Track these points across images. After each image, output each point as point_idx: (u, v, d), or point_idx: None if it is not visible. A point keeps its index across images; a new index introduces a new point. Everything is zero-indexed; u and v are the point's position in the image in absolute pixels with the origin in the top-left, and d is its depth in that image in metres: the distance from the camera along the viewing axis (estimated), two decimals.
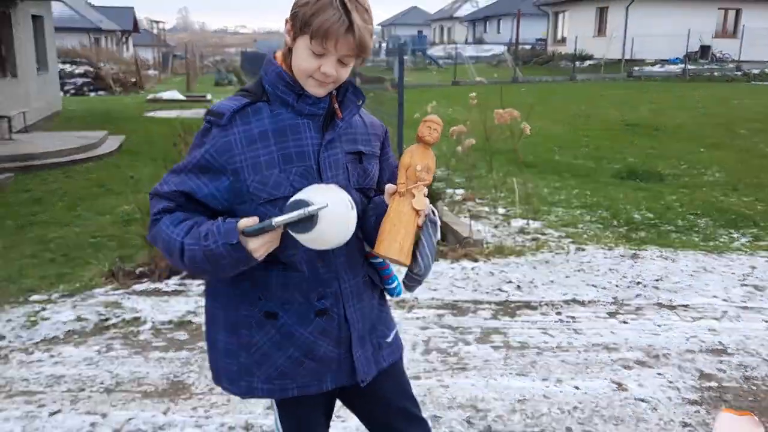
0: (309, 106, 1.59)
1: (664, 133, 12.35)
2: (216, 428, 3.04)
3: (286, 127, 1.58)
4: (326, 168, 1.60)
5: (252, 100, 1.60)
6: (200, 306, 4.38)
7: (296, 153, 1.58)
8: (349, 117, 1.66)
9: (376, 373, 1.78)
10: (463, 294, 4.61)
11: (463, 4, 62.56)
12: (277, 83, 1.60)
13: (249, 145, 1.55)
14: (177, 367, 3.63)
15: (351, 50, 1.51)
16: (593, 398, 3.29)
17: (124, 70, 28.31)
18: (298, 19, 1.52)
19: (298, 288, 1.63)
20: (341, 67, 1.56)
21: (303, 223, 1.44)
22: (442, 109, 12.37)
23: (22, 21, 14.60)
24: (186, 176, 1.57)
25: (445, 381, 3.45)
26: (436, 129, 1.63)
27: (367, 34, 1.51)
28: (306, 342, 1.66)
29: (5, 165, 10.24)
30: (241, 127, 1.57)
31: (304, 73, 1.56)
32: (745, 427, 1.57)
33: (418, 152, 1.63)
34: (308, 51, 1.52)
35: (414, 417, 1.93)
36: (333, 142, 1.62)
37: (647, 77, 25.70)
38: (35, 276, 5.33)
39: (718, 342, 3.90)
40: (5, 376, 3.53)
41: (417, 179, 1.61)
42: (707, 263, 5.22)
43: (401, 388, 1.92)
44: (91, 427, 3.04)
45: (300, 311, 1.64)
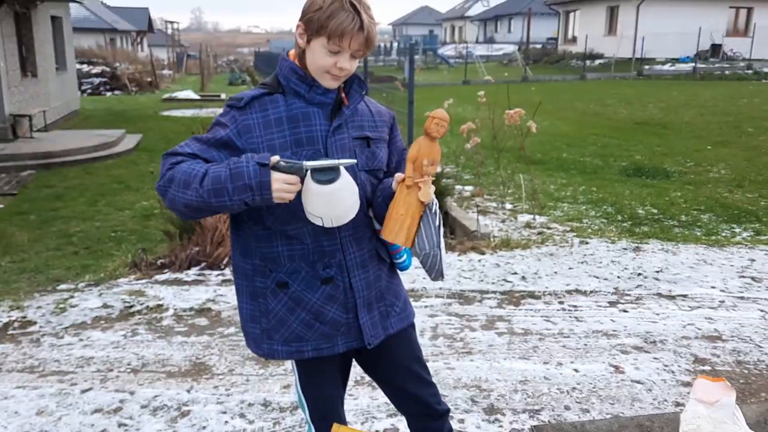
0: (319, 96, 1.80)
1: (672, 131, 12.47)
2: (236, 404, 3.25)
3: (298, 114, 1.79)
4: (333, 151, 1.80)
5: (269, 91, 1.81)
6: (219, 294, 4.61)
7: (307, 137, 1.78)
8: (354, 105, 1.86)
9: (384, 337, 1.97)
10: (469, 284, 4.80)
11: (474, 3, 62.62)
12: (290, 76, 1.81)
13: (266, 129, 1.76)
14: (198, 350, 3.85)
15: (362, 46, 1.73)
16: (591, 380, 3.48)
17: (140, 70, 28.67)
18: (313, 23, 1.72)
19: (305, 259, 1.84)
20: (352, 61, 1.77)
21: (327, 173, 1.62)
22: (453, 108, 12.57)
23: (41, 21, 14.92)
24: (207, 146, 1.75)
25: (451, 363, 3.66)
26: (442, 125, 1.77)
27: (373, 30, 1.73)
28: (315, 306, 1.86)
29: (27, 162, 10.55)
30: (259, 113, 1.77)
31: (321, 69, 1.76)
32: (718, 390, 1.75)
33: (425, 146, 1.78)
34: (325, 50, 1.73)
35: (424, 380, 2.12)
36: (340, 128, 1.82)
37: (657, 76, 25.76)
38: (61, 267, 5.59)
39: (713, 329, 4.08)
40: (38, 358, 3.77)
41: (423, 173, 1.79)
42: (707, 256, 5.39)
43: (412, 354, 2.11)
44: (120, 403, 3.27)
45: (307, 279, 1.85)
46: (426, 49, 39.88)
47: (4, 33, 12.37)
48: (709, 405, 1.77)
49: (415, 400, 2.13)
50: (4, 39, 12.39)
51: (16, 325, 4.22)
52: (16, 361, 3.73)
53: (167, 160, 1.76)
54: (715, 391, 1.79)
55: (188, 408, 3.22)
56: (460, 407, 3.22)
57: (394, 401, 2.20)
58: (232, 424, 3.09)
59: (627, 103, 16.79)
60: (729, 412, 1.77)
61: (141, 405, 3.25)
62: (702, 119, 13.79)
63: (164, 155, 1.79)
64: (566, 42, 35.54)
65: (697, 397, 1.79)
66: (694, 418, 1.77)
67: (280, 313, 1.89)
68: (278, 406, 3.23)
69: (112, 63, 28.02)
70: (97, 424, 3.09)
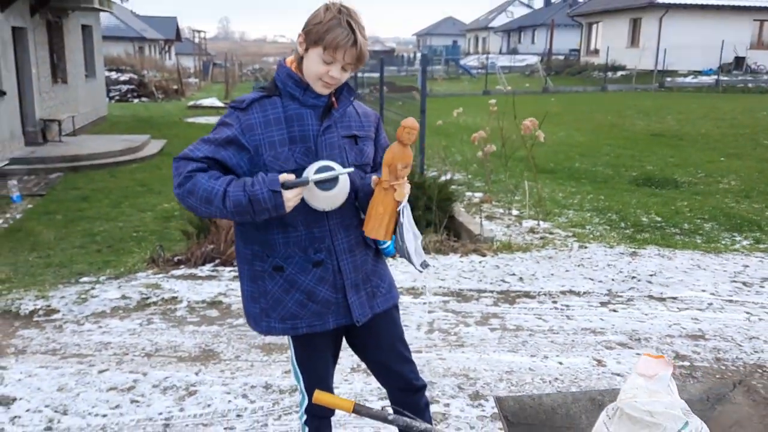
0: (312, 99, 2.05)
1: (687, 142, 12.55)
2: (240, 386, 3.51)
3: (293, 115, 2.04)
4: (323, 148, 2.05)
5: (267, 94, 2.07)
6: (230, 289, 4.89)
7: (300, 136, 2.03)
8: (342, 108, 2.11)
9: (371, 315, 2.20)
10: (468, 284, 5.02)
11: (498, 14, 62.86)
12: (287, 81, 2.06)
13: (266, 127, 2.01)
14: (208, 338, 4.12)
15: (353, 59, 1.98)
16: (573, 372, 3.69)
17: (166, 78, 29.33)
18: (312, 34, 1.98)
19: (298, 245, 2.08)
20: (344, 72, 2.02)
21: (329, 183, 1.94)
22: (467, 117, 12.78)
23: (72, 30, 15.47)
24: (216, 147, 2.00)
25: (443, 355, 3.88)
26: (412, 133, 2.01)
27: (365, 47, 1.99)
28: (307, 287, 2.11)
29: (56, 165, 11.00)
30: (260, 113, 2.03)
31: (315, 76, 2.01)
32: (658, 365, 1.95)
33: (398, 152, 2.03)
34: (319, 59, 1.98)
35: (404, 358, 2.35)
36: (330, 128, 2.07)
37: (679, 88, 25.72)
38: (84, 262, 5.92)
39: (698, 329, 4.25)
40: (60, 342, 4.07)
41: (398, 175, 2.03)
42: (702, 261, 5.55)
43: (395, 332, 2.34)
44: (134, 383, 3.55)
45: (300, 263, 2.09)
46: (448, 59, 40.15)
47: (36, 41, 12.90)
48: (648, 378, 1.98)
49: (396, 375, 2.35)
50: (37, 47, 12.92)
51: (41, 312, 4.54)
52: (40, 345, 4.03)
53: (182, 167, 1.96)
54: (655, 365, 2.01)
55: (195, 388, 3.48)
56: (446, 393, 3.45)
57: (377, 375, 2.43)
58: (234, 403, 3.35)
59: (645, 115, 16.86)
60: (664, 385, 1.98)
61: (152, 385, 3.53)
62: (718, 131, 13.83)
63: (176, 159, 2.01)
64: (588, 53, 35.56)
65: (638, 371, 2.01)
66: (632, 389, 1.98)
67: (277, 293, 2.12)
68: (278, 389, 3.49)
69: (140, 71, 28.70)
70: (111, 400, 3.37)
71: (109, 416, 3.23)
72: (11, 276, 5.38)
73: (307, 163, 2.01)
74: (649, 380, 1.98)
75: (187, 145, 2.08)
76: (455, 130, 13.29)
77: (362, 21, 2.00)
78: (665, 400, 1.92)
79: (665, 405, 1.90)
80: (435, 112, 8.34)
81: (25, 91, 12.37)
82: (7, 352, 3.93)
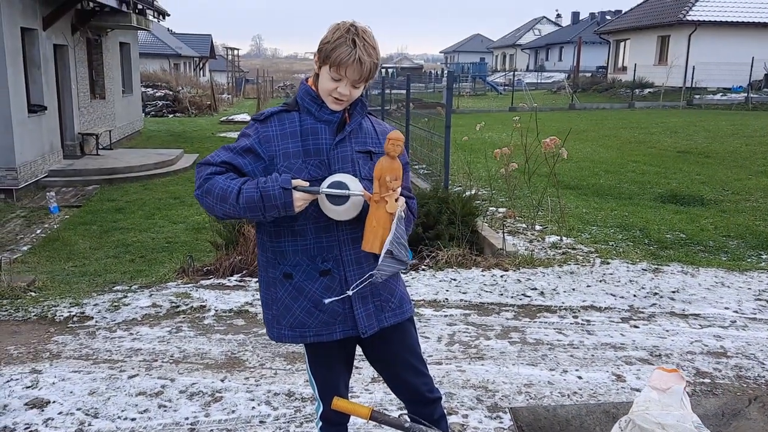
0: (327, 115, 2.17)
1: (715, 160, 12.44)
2: (263, 393, 3.61)
3: (308, 129, 2.16)
4: (335, 161, 2.15)
5: (287, 109, 2.20)
6: (257, 299, 5.01)
7: (314, 149, 2.14)
8: (355, 123, 2.21)
9: (377, 329, 2.25)
10: (489, 297, 5.08)
11: (525, 32, 62.92)
12: (305, 97, 2.18)
13: (282, 139, 2.14)
14: (234, 346, 4.24)
15: (359, 76, 2.08)
16: (593, 386, 3.72)
17: (200, 94, 29.88)
18: (321, 53, 2.10)
19: (306, 253, 2.17)
20: (354, 89, 2.12)
21: (339, 198, 2.02)
22: (492, 133, 12.83)
23: (111, 47, 15.94)
24: (234, 154, 2.12)
25: (462, 367, 3.94)
26: (398, 145, 2.07)
27: (370, 65, 2.08)
28: (314, 296, 2.18)
29: (92, 177, 11.34)
30: (278, 126, 2.16)
31: (326, 92, 2.13)
32: (671, 379, 1.99)
33: (386, 165, 2.07)
34: (328, 76, 2.10)
35: (417, 371, 2.39)
36: (342, 142, 2.17)
37: (708, 106, 25.45)
38: (117, 271, 6.11)
39: (720, 346, 4.25)
40: (93, 348, 4.23)
41: (388, 188, 2.08)
42: (726, 279, 5.53)
43: (408, 347, 2.39)
44: (161, 388, 3.67)
45: (308, 271, 2.18)
46: (475, 76, 40.28)
47: (77, 58, 13.34)
48: (661, 391, 2.03)
49: (408, 387, 2.40)
50: (77, 64, 13.36)
51: (75, 319, 4.71)
52: (74, 350, 4.19)
53: (202, 170, 2.11)
54: (669, 379, 2.05)
55: (221, 395, 3.60)
56: (465, 404, 3.51)
57: (390, 386, 2.48)
58: (258, 409, 3.45)
59: (672, 132, 16.74)
60: (677, 398, 2.01)
61: (180, 390, 3.65)
62: (747, 149, 13.68)
63: (198, 164, 2.17)
64: (616, 71, 35.38)
65: (651, 384, 2.05)
66: (645, 402, 2.02)
67: (286, 300, 2.21)
68: (300, 397, 3.58)
69: (175, 87, 29.30)
70: (140, 405, 3.49)
71: (138, 420, 3.34)
72: (48, 283, 5.58)
73: (320, 175, 2.10)
74: (662, 393, 2.02)
75: None
76: (480, 145, 13.35)
77: (371, 39, 2.10)
78: (677, 413, 1.96)
79: (677, 418, 1.94)
80: (461, 129, 8.43)
81: (64, 106, 12.79)
82: (43, 356, 4.10)
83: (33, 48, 11.15)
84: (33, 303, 5.04)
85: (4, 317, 4.75)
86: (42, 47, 11.35)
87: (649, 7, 33.41)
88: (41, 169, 11.20)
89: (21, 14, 10.46)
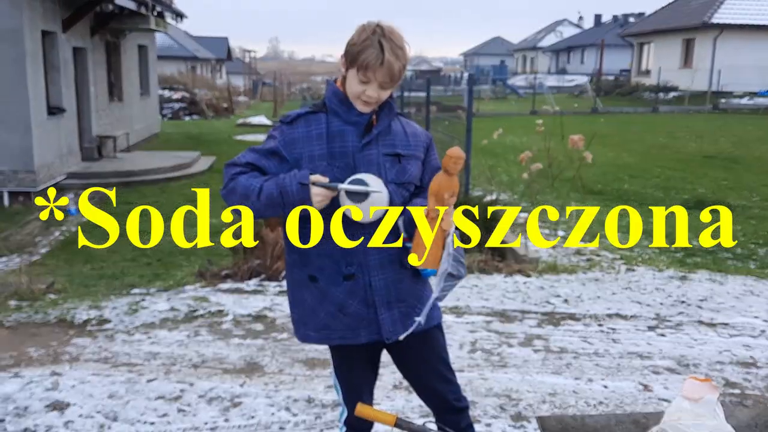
0: (354, 117, 2.12)
1: (742, 165, 12.24)
2: (283, 399, 3.56)
3: (335, 131, 2.12)
4: (361, 164, 2.10)
5: (314, 110, 2.16)
6: (275, 303, 4.97)
7: (340, 152, 2.10)
8: (382, 125, 2.16)
9: (402, 334, 2.19)
10: (512, 304, 4.99)
11: (546, 34, 62.59)
12: (332, 98, 2.14)
13: (308, 142, 2.10)
14: (253, 351, 4.19)
15: (386, 78, 2.03)
16: (619, 396, 3.62)
17: (217, 97, 30.06)
18: (348, 56, 2.06)
19: (330, 257, 2.13)
20: (382, 91, 2.07)
21: (358, 196, 2.00)
22: (513, 137, 12.72)
23: (129, 50, 16.06)
24: (260, 156, 2.13)
25: (485, 374, 3.86)
26: (458, 163, 1.99)
27: (397, 67, 2.02)
28: (338, 300, 2.15)
29: (110, 180, 11.39)
30: (304, 128, 2.12)
31: (354, 95, 2.09)
32: (704, 389, 1.92)
33: (444, 181, 2.02)
34: (356, 79, 2.05)
35: (445, 378, 2.34)
36: (369, 144, 2.13)
37: (734, 110, 25.09)
38: (135, 275, 6.11)
39: (749, 356, 4.13)
40: (112, 351, 4.20)
41: (444, 203, 2.04)
42: (755, 287, 5.38)
43: (435, 353, 2.34)
44: (180, 393, 3.63)
45: (332, 275, 2.14)
46: (495, 79, 40.09)
47: (95, 60, 13.44)
48: (694, 401, 1.95)
49: (435, 394, 2.35)
50: (95, 66, 13.46)
51: (93, 322, 4.69)
52: (93, 353, 4.17)
53: (228, 171, 2.14)
54: (701, 389, 1.97)
55: (240, 400, 3.55)
56: (488, 413, 3.43)
57: (417, 392, 2.43)
58: (278, 415, 3.40)
59: (698, 137, 16.51)
60: (710, 408, 1.94)
61: (199, 395, 3.61)
62: None
63: (226, 165, 2.18)
64: (639, 74, 35.03)
65: (684, 394, 1.98)
66: (676, 411, 1.95)
67: (311, 303, 2.19)
68: (320, 403, 3.52)
69: (192, 89, 29.51)
70: (159, 409, 3.45)
71: (157, 424, 3.31)
72: (67, 286, 5.58)
73: (344, 178, 2.06)
74: (694, 403, 1.95)
75: None
76: (502, 149, 13.26)
77: (399, 39, 2.04)
78: (711, 424, 1.89)
79: (710, 428, 1.87)
80: (481, 132, 8.31)
81: (83, 108, 12.89)
82: (62, 359, 4.08)
83: (53, 50, 11.25)
84: (52, 305, 5.04)
85: (24, 319, 4.75)
86: (61, 50, 11.44)
87: (673, 10, 33.07)
88: (59, 171, 11.27)
89: (41, 17, 10.55)
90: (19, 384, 3.70)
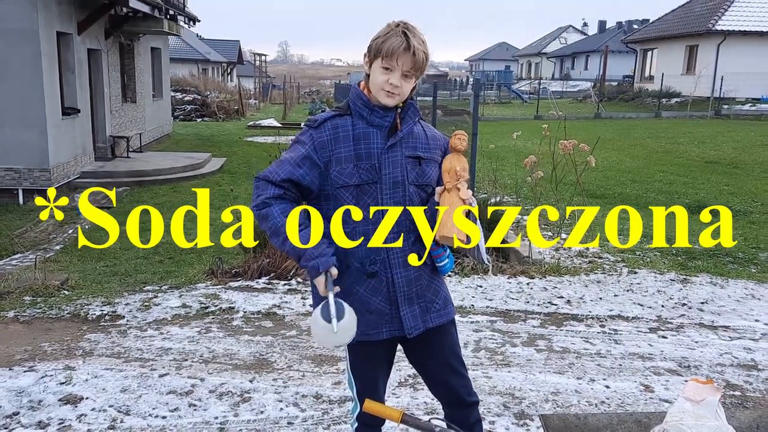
0: (378, 119, 2.20)
1: (743, 170, 12.29)
2: (291, 395, 3.65)
3: (360, 134, 2.20)
4: (385, 166, 2.19)
5: (340, 113, 2.24)
6: (284, 301, 5.07)
7: (365, 153, 2.18)
8: (406, 129, 2.24)
9: (423, 329, 2.29)
10: (516, 305, 5.08)
11: (551, 40, 62.69)
12: (356, 101, 2.22)
13: (335, 144, 2.18)
14: (263, 347, 4.29)
15: (411, 65, 2.12)
16: (620, 396, 3.70)
17: (228, 99, 30.18)
18: (372, 48, 2.15)
19: (355, 256, 2.22)
20: (405, 81, 2.15)
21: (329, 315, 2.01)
22: (517, 141, 12.81)
23: (142, 52, 16.22)
24: (293, 167, 2.15)
25: (489, 373, 3.95)
26: (463, 139, 2.19)
27: (421, 54, 2.12)
28: (362, 297, 2.23)
29: (123, 179, 11.53)
30: (330, 131, 2.19)
31: (378, 86, 2.16)
32: (706, 390, 1.98)
33: (455, 158, 2.20)
34: (380, 68, 2.14)
35: (457, 372, 2.41)
36: (393, 146, 2.21)
37: (737, 116, 25.11)
38: (147, 272, 6.21)
39: (750, 359, 4.21)
40: (124, 346, 4.30)
41: (458, 176, 2.17)
42: (756, 291, 5.46)
43: (449, 348, 2.41)
44: (191, 387, 3.73)
45: (356, 274, 2.22)
46: (500, 84, 40.20)
47: (109, 62, 13.60)
48: (695, 403, 2.01)
49: (447, 389, 2.42)
50: (110, 68, 13.62)
51: (107, 318, 4.80)
52: (106, 348, 4.27)
53: (261, 188, 2.17)
54: (703, 391, 2.04)
55: (249, 395, 3.64)
56: (492, 411, 3.51)
57: (430, 387, 2.52)
58: (286, 411, 3.49)
59: (700, 142, 16.56)
60: (712, 410, 1.99)
61: (209, 390, 3.70)
62: None
63: (257, 179, 2.19)
64: (643, 80, 35.05)
65: (685, 395, 2.04)
66: (678, 412, 2.01)
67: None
68: (328, 399, 3.61)
69: (203, 91, 29.63)
70: (171, 403, 3.55)
71: (168, 418, 3.40)
72: (80, 282, 5.69)
73: (370, 179, 2.16)
74: (696, 405, 2.00)
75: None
76: (506, 153, 13.34)
77: (420, 34, 2.14)
78: (712, 425, 1.94)
79: (712, 429, 1.92)
80: (487, 136, 8.44)
81: (97, 109, 13.04)
82: (76, 353, 4.18)
83: (68, 52, 11.39)
84: (66, 301, 5.15)
85: (38, 314, 4.86)
86: (76, 51, 11.59)
87: (677, 17, 33.09)
88: (73, 171, 11.42)
89: (57, 19, 10.70)
90: (34, 378, 3.80)
